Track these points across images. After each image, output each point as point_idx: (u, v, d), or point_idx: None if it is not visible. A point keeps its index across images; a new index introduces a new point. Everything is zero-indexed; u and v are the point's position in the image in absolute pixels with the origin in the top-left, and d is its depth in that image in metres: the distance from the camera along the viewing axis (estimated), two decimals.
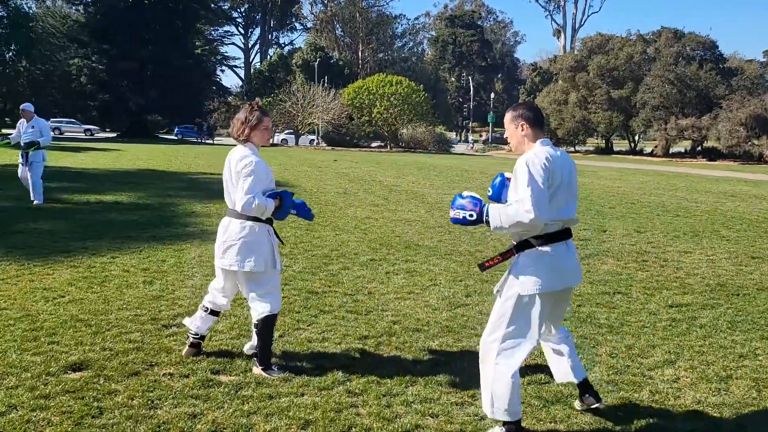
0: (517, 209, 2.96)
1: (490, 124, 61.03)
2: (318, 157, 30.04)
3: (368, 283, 6.20)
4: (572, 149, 49.04)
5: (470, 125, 62.30)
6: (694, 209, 12.91)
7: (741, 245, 8.93)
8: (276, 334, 4.57)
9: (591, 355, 4.38)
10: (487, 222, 3.07)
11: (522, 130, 3.18)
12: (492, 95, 63.76)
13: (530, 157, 3.05)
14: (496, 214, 3.03)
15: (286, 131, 47.56)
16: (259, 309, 3.90)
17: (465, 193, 3.24)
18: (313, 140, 46.55)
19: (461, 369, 4.05)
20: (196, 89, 51.83)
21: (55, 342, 4.22)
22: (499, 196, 3.36)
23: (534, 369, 4.06)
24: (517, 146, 3.24)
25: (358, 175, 19.19)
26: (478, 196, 3.21)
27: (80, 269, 6.25)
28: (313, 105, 42.68)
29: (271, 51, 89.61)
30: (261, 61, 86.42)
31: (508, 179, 3.35)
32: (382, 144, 47.18)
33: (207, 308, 4.17)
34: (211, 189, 14.02)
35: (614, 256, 7.88)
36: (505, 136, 3.32)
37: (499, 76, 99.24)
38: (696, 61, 40.23)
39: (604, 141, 46.55)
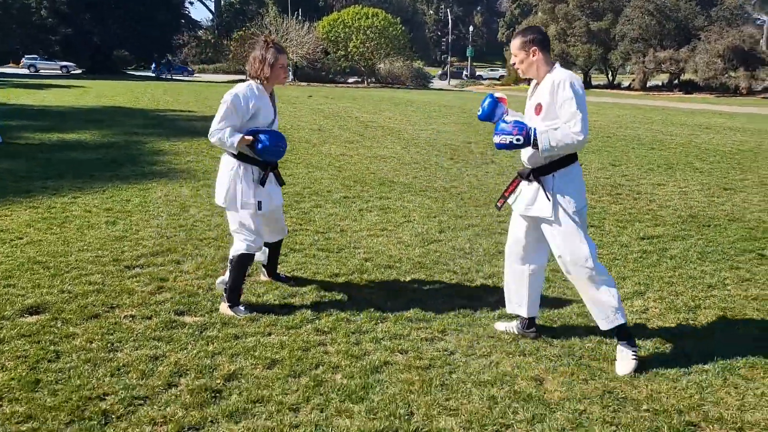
0: (566, 132, 3.04)
1: (469, 58, 59.89)
2: (292, 93, 29.28)
3: (341, 221, 6.08)
4: None
5: (449, 59, 61.03)
6: (669, 142, 12.91)
7: (714, 177, 8.96)
8: None
9: (562, 288, 4.36)
10: (535, 144, 3.10)
11: (534, 55, 3.19)
12: (471, 29, 62.24)
13: (572, 80, 3.10)
14: (545, 137, 3.07)
15: None
16: (235, 245, 3.85)
17: (508, 119, 3.22)
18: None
19: (433, 305, 4.00)
20: (163, 22, 49.60)
21: (11, 285, 4.05)
22: (488, 116, 3.37)
23: (496, 304, 4.02)
24: (526, 71, 3.25)
25: (333, 111, 18.78)
26: (520, 120, 3.22)
27: (40, 210, 6.01)
28: (287, 39, 41.20)
29: None
30: None
31: (500, 99, 3.39)
32: (359, 79, 46.14)
33: None
34: (179, 126, 13.61)
35: (589, 190, 7.84)
36: (512, 62, 3.32)
37: (478, 8, 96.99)
38: None
39: (582, 75, 46.04)
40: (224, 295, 3.84)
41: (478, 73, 59.07)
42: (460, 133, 13.67)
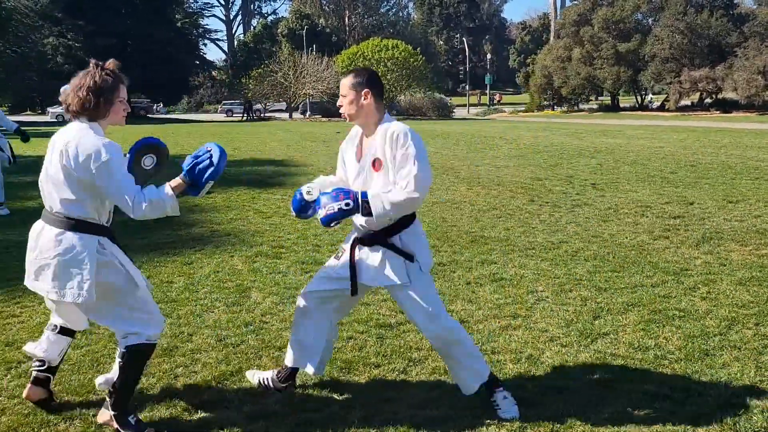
0: (400, 192, 2.77)
1: (488, 86, 58.97)
2: (317, 129, 28.13)
3: (451, 302, 4.58)
4: (575, 108, 47.20)
5: (467, 88, 60.04)
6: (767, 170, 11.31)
7: None
8: (361, 412, 2.97)
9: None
10: (365, 209, 2.78)
11: (366, 98, 2.90)
12: (488, 56, 61.44)
13: (410, 132, 2.81)
14: (378, 200, 2.77)
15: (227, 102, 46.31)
16: (130, 336, 2.77)
17: (324, 191, 2.89)
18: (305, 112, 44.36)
19: None
20: (181, 64, 49.29)
21: None
22: (299, 211, 3.14)
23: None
24: (354, 115, 2.94)
25: None
26: (337, 186, 2.97)
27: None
28: (306, 75, 40.41)
29: (254, 21, 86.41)
30: (244, 33, 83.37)
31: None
32: None
33: (56, 326, 3.04)
34: None
35: (734, 239, 6.28)
36: (338, 104, 3.00)
37: (487, 37, 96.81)
38: (706, 8, 38.16)
39: (610, 97, 44.65)
40: (108, 400, 2.83)
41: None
42: (521, 168, 12.20)
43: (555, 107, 47.67)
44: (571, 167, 12.18)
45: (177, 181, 2.71)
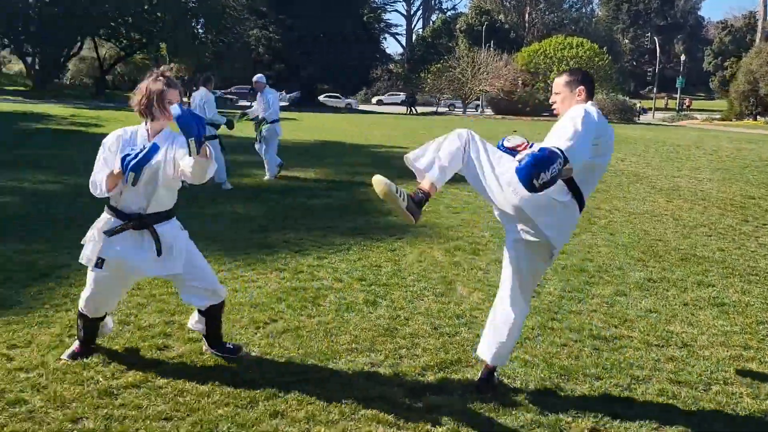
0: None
1: (678, 89, 54.08)
2: (493, 127, 27.89)
3: (669, 324, 4.33)
4: None
5: (654, 91, 55.59)
6: None
7: None
8: (590, 423, 2.93)
9: None
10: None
11: (579, 95, 3.06)
12: (682, 57, 56.27)
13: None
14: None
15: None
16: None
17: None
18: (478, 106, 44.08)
19: None
20: (363, 57, 51.59)
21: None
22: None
23: None
24: (563, 111, 3.03)
25: None
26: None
27: (286, 274, 5.09)
28: (484, 71, 40.19)
29: (433, 17, 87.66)
30: (423, 28, 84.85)
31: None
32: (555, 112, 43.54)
33: None
34: (396, 166, 12.74)
35: None
36: (551, 101, 3.17)
37: (680, 36, 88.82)
38: None
39: None
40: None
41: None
42: (728, 183, 11.07)
43: (758, 117, 42.44)
44: None
45: (118, 168, 3.05)
